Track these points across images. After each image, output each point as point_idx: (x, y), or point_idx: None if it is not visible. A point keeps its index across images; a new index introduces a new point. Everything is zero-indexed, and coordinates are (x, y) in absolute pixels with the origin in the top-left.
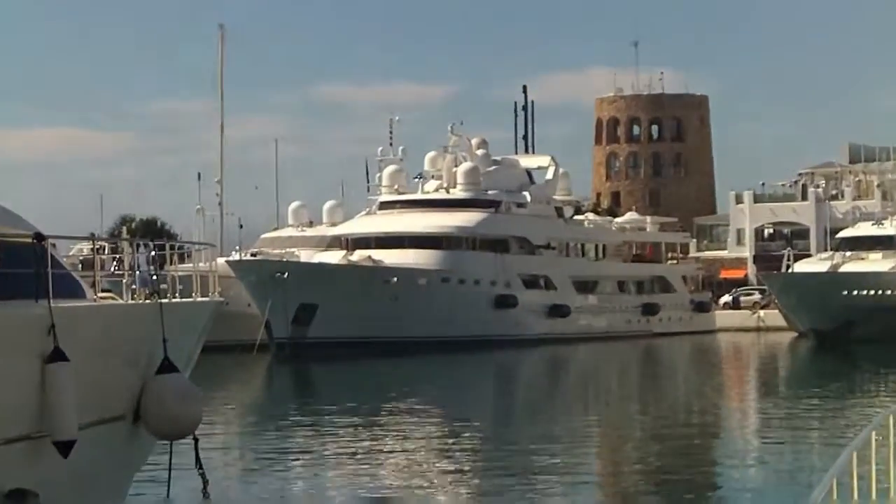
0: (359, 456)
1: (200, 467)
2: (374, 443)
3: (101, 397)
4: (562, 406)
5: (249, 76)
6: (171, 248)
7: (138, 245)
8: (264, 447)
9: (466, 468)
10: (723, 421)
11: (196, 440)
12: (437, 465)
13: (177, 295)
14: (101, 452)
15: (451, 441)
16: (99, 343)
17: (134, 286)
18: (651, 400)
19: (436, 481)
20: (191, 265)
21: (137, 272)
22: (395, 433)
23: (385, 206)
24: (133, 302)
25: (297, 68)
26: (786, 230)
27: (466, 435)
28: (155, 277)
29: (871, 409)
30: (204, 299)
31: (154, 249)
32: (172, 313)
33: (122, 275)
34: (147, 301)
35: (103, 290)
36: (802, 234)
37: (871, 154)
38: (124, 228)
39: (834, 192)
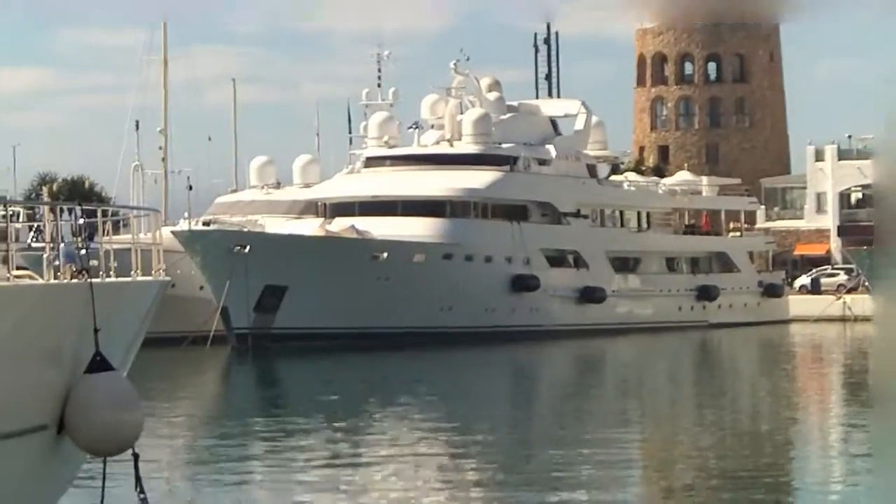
0: (335, 477)
1: (142, 490)
2: (356, 460)
3: (16, 402)
4: (593, 417)
5: None
6: (105, 214)
7: (62, 210)
8: (219, 465)
9: (471, 495)
10: (800, 442)
11: (136, 456)
12: (433, 488)
13: (111, 273)
14: (16, 470)
15: (451, 459)
16: (13, 334)
17: (57, 262)
18: (708, 412)
19: None
20: (128, 236)
21: (62, 244)
22: (383, 449)
23: (372, 162)
24: (56, 282)
25: None
26: None
27: (472, 453)
28: (83, 251)
29: None
30: (146, 279)
31: (82, 216)
32: (106, 296)
33: (43, 248)
34: (74, 281)
35: (18, 268)
36: None
37: None
38: (44, 190)
39: None
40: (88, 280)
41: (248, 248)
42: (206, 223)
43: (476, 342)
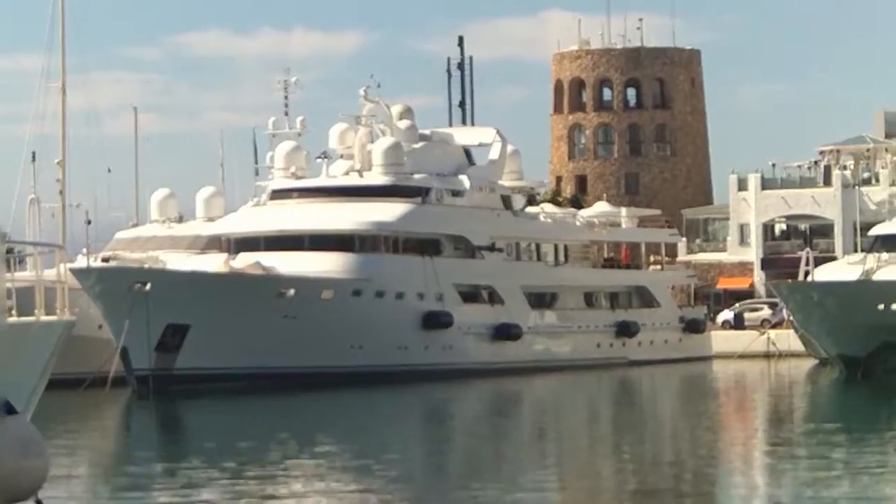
0: None
1: None
2: None
3: None
4: (508, 460)
5: (97, 22)
6: (9, 251)
7: None
8: None
9: None
10: (722, 483)
11: (39, 503)
12: None
13: (12, 313)
14: None
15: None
16: None
17: None
18: (627, 453)
19: None
20: (27, 273)
21: None
22: (290, 496)
23: (278, 194)
24: None
25: (159, 12)
26: (803, 226)
27: (382, 499)
28: None
29: None
30: (50, 318)
31: None
32: (9, 337)
33: None
34: None
35: None
36: (825, 230)
37: None
38: None
39: (866, 175)
40: None
41: (148, 285)
42: (105, 259)
43: (387, 382)
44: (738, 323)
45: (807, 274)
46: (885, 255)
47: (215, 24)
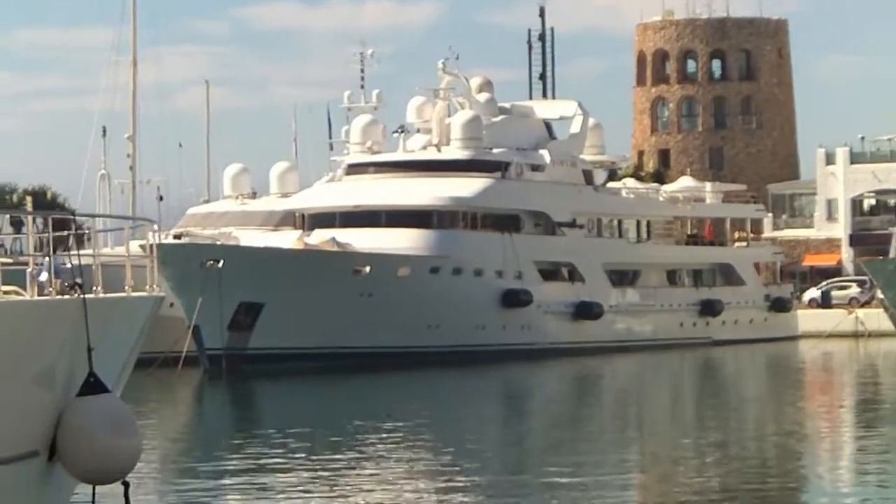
0: None
1: None
2: (339, 492)
3: (4, 428)
4: (590, 443)
5: None
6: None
7: (35, 220)
8: (199, 495)
9: None
10: (809, 470)
11: (126, 485)
12: None
13: (99, 289)
14: (6, 500)
15: (439, 490)
16: (0, 354)
17: (43, 276)
18: (711, 436)
19: None
20: (111, 250)
21: (49, 258)
22: (366, 480)
23: (354, 169)
24: (47, 298)
25: None
26: (893, 201)
27: (460, 484)
28: (69, 265)
29: None
30: (141, 294)
31: (62, 227)
32: (100, 313)
33: (26, 262)
34: (66, 297)
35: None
36: None
37: None
38: (27, 200)
39: None
40: (81, 296)
41: (221, 262)
42: (176, 236)
43: (465, 362)
44: (825, 301)
45: None
46: None
47: None
